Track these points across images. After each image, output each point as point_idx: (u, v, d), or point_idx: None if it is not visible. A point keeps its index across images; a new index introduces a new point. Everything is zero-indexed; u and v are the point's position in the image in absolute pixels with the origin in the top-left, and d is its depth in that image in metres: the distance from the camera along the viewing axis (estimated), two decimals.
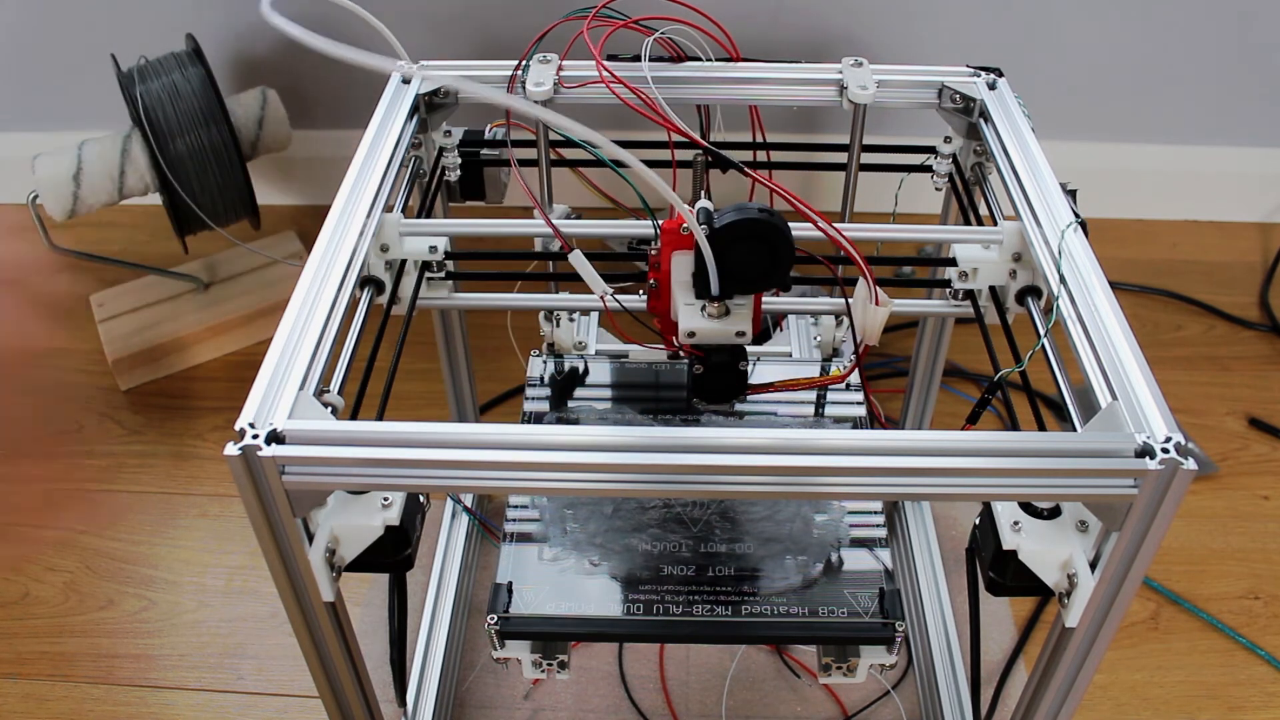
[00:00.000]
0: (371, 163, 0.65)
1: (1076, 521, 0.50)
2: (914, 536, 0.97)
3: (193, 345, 1.20)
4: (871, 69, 0.73)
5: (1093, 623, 0.51)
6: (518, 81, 0.73)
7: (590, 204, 0.86)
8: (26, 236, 1.34)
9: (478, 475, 0.48)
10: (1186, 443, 0.46)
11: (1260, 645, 0.91)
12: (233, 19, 1.30)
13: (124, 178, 1.09)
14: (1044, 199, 0.62)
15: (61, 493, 1.06)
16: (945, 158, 0.75)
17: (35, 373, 1.20)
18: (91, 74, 1.28)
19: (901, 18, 1.26)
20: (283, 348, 0.51)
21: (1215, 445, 1.10)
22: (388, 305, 0.66)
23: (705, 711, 0.86)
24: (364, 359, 0.59)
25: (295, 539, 0.49)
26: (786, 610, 0.64)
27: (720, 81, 0.74)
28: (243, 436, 0.46)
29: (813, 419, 0.78)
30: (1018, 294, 0.64)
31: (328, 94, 1.37)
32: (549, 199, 0.78)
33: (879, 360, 1.19)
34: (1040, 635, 0.92)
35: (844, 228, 0.60)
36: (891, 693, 0.87)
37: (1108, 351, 0.51)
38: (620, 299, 0.62)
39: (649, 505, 0.70)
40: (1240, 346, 1.23)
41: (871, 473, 0.47)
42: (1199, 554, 0.99)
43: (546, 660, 0.65)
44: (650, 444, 0.47)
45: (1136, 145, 1.37)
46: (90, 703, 0.88)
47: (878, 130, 0.76)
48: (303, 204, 1.46)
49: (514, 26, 1.27)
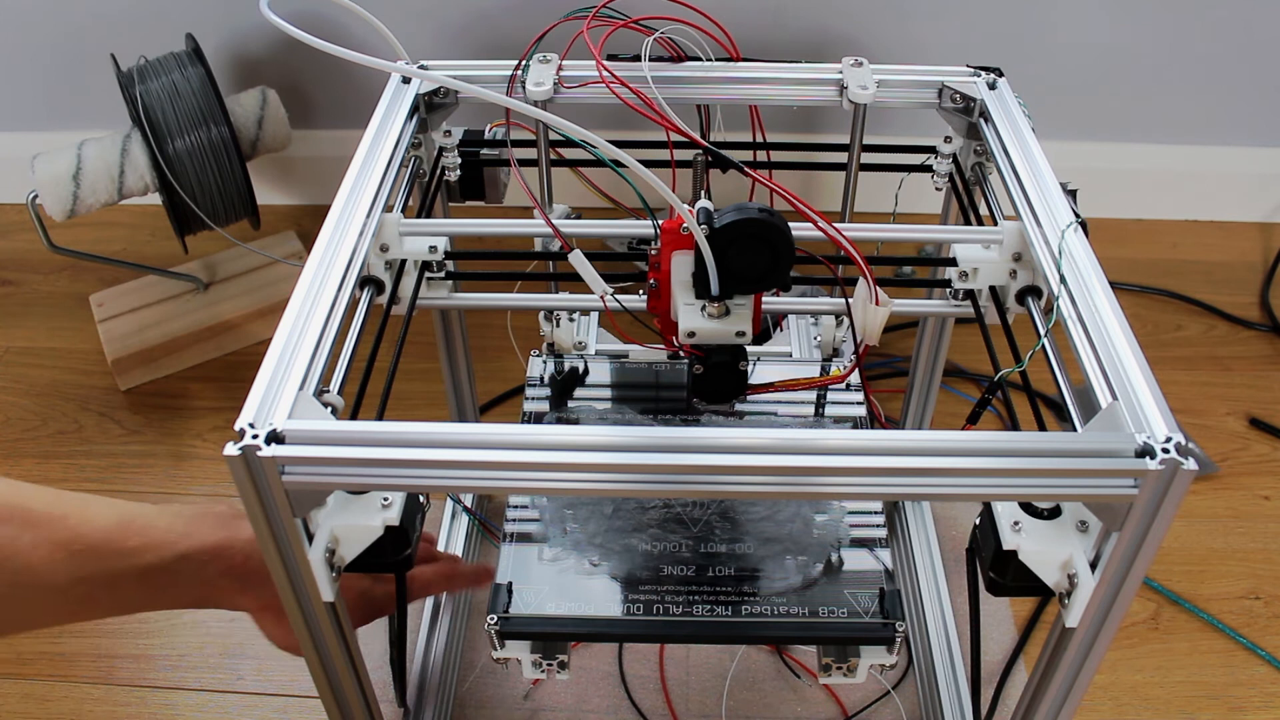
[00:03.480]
0: (371, 163, 0.65)
1: (1077, 521, 0.50)
2: (914, 536, 0.97)
3: (192, 345, 1.20)
4: (871, 69, 0.73)
5: (1093, 623, 0.51)
6: (517, 81, 0.73)
7: (590, 204, 0.86)
8: (26, 236, 1.35)
9: (478, 475, 0.47)
10: (1187, 443, 0.46)
11: (1261, 645, 0.91)
12: (233, 19, 1.30)
13: (124, 177, 1.09)
14: (1044, 199, 0.62)
15: None
16: (945, 158, 0.75)
17: (34, 372, 1.20)
18: (91, 74, 1.28)
19: (901, 18, 1.26)
20: (283, 348, 0.51)
21: (1215, 445, 1.10)
22: (388, 305, 0.66)
23: (705, 711, 0.86)
24: (364, 359, 0.59)
25: (295, 539, 0.49)
26: (786, 610, 0.64)
27: (720, 81, 0.74)
28: (242, 436, 0.46)
29: (813, 419, 0.78)
30: (1018, 294, 0.64)
31: (328, 94, 1.37)
32: (549, 199, 0.78)
33: (879, 360, 1.19)
34: (1040, 635, 0.92)
35: (844, 228, 0.60)
36: (891, 693, 0.87)
37: (1108, 351, 0.51)
38: (620, 299, 0.62)
39: (649, 505, 0.70)
40: (1240, 346, 1.23)
41: (871, 473, 0.46)
42: (1199, 554, 0.99)
43: (546, 660, 0.65)
44: (650, 444, 0.47)
45: (1136, 145, 1.37)
46: (90, 703, 0.88)
47: (878, 130, 0.76)
48: (303, 204, 1.46)
49: (514, 26, 1.27)
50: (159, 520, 0.62)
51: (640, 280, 0.60)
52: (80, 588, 0.59)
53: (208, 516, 0.64)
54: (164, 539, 0.61)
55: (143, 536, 0.60)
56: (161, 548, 0.61)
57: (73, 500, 0.60)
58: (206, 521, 0.64)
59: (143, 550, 0.60)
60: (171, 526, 0.62)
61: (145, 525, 0.61)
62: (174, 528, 0.62)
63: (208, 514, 0.64)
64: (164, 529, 0.61)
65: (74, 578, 0.58)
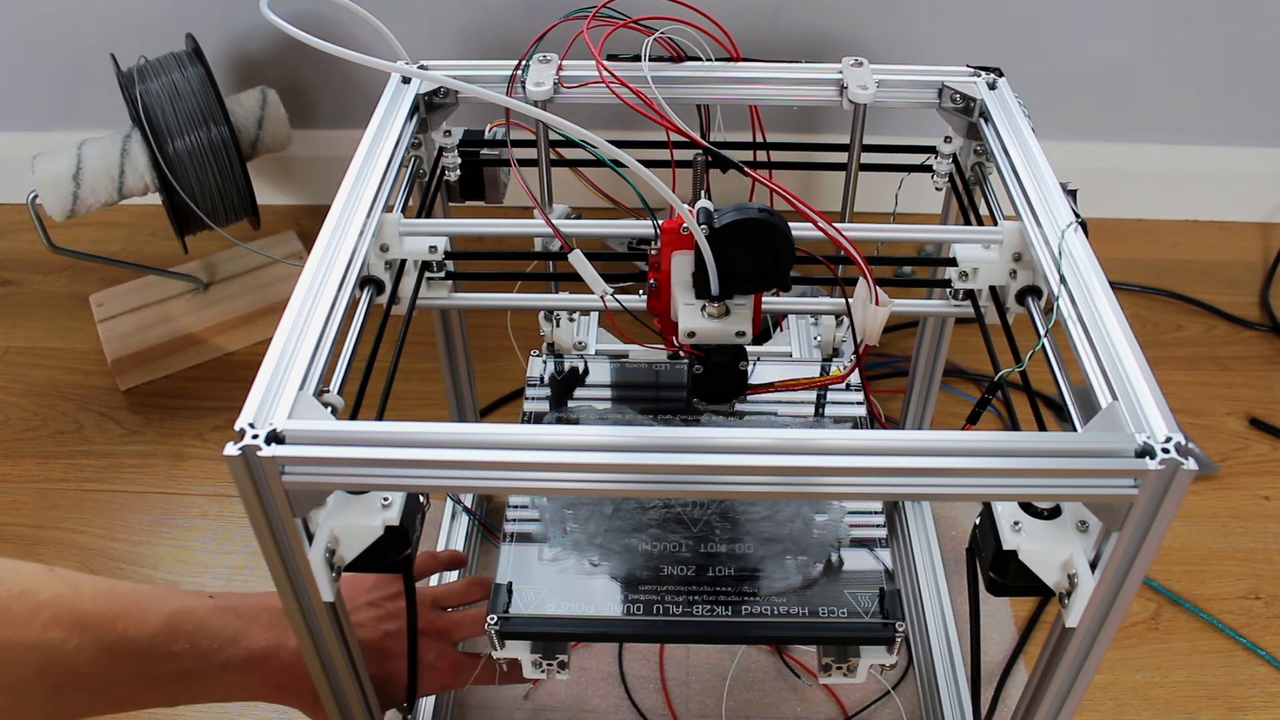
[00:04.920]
0: (371, 163, 0.65)
1: (1077, 521, 0.50)
2: (914, 536, 0.97)
3: (192, 345, 1.20)
4: (871, 69, 0.73)
5: (1093, 623, 0.51)
6: (517, 81, 0.73)
7: (590, 204, 0.86)
8: (26, 236, 1.35)
9: (478, 475, 0.47)
10: (1187, 443, 0.46)
11: (1261, 645, 0.91)
12: (233, 19, 1.30)
13: (124, 177, 1.09)
14: (1044, 199, 0.62)
15: (60, 493, 1.06)
16: (945, 158, 0.75)
17: (34, 372, 1.20)
18: (91, 74, 1.28)
19: (901, 18, 1.26)
20: (282, 348, 0.51)
21: (1215, 445, 1.10)
22: (388, 305, 0.66)
23: (705, 712, 0.86)
24: (364, 359, 0.59)
25: (295, 539, 0.49)
26: (786, 610, 0.64)
27: (720, 81, 0.74)
28: (242, 436, 0.46)
29: (813, 419, 0.78)
30: (1018, 294, 0.64)
31: (328, 94, 1.37)
32: (549, 199, 0.78)
33: (879, 360, 1.19)
34: (1040, 635, 0.92)
35: (844, 228, 0.60)
36: (891, 693, 0.87)
37: (1108, 351, 0.51)
38: (620, 299, 0.62)
39: (649, 505, 0.70)
40: (1240, 346, 1.23)
41: (871, 473, 0.46)
42: (1199, 554, 0.99)
43: (546, 660, 0.65)
44: (650, 444, 0.47)
45: (1136, 145, 1.37)
46: None
47: (878, 130, 0.76)
48: (303, 204, 1.46)
49: (514, 26, 1.27)
50: (211, 621, 0.62)
51: (640, 280, 0.60)
52: (122, 689, 0.59)
53: (264, 614, 0.64)
54: (209, 645, 0.61)
55: (190, 641, 0.60)
56: (205, 655, 0.61)
57: (126, 596, 0.60)
58: (260, 621, 0.64)
59: (187, 656, 0.60)
60: (223, 629, 0.62)
61: (195, 628, 0.61)
62: (225, 630, 0.62)
63: (265, 610, 0.64)
64: (214, 633, 0.62)
65: (117, 679, 0.58)
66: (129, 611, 0.59)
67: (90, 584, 0.59)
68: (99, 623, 0.57)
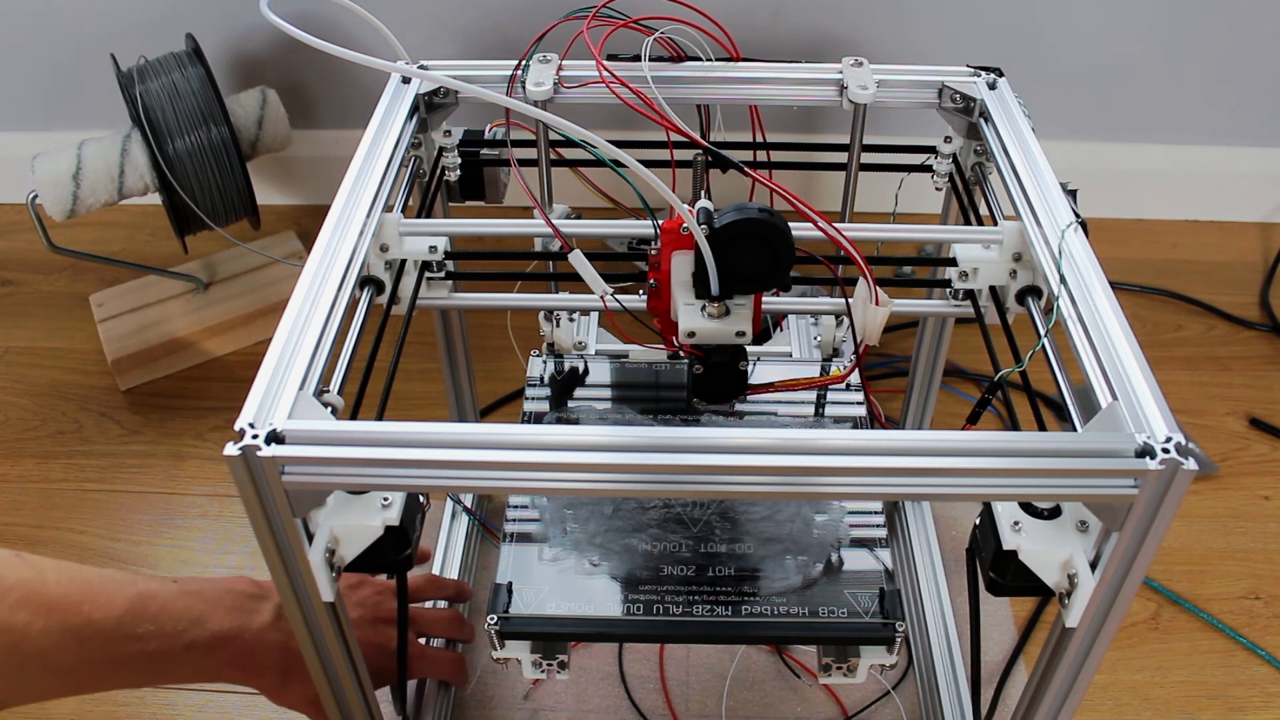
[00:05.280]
0: (371, 163, 0.65)
1: (1077, 521, 0.50)
2: (914, 536, 0.97)
3: (192, 345, 1.20)
4: (871, 69, 0.73)
5: (1093, 623, 0.51)
6: (517, 81, 0.73)
7: (590, 204, 0.86)
8: (26, 236, 1.35)
9: (478, 475, 0.48)
10: (1187, 443, 0.46)
11: (1261, 645, 0.91)
12: (233, 19, 1.30)
13: (124, 178, 1.09)
14: (1044, 199, 0.62)
15: (60, 493, 1.06)
16: (945, 158, 0.75)
17: (34, 372, 1.20)
18: (91, 74, 1.28)
19: (901, 18, 1.26)
20: (282, 348, 0.51)
21: (1215, 445, 1.10)
22: (388, 305, 0.66)
23: (705, 712, 0.86)
24: (364, 359, 0.59)
25: (295, 539, 0.49)
26: (786, 610, 0.64)
27: (720, 81, 0.74)
28: (242, 436, 0.46)
29: (813, 419, 0.78)
30: (1018, 294, 0.64)
31: (328, 94, 1.37)
32: (549, 199, 0.78)
33: (879, 360, 1.19)
34: (1040, 635, 0.92)
35: (844, 228, 0.60)
36: (891, 693, 0.87)
37: (1108, 351, 0.51)
38: (620, 299, 0.62)
39: (649, 505, 0.70)
40: (1240, 346, 1.23)
41: (871, 473, 0.46)
42: (1199, 554, 0.99)
43: (546, 660, 0.65)
44: (650, 444, 0.47)
45: (1136, 145, 1.37)
46: (90, 703, 0.88)
47: (878, 130, 0.76)
48: (303, 204, 1.46)
49: (514, 26, 1.27)
50: (175, 603, 0.62)
51: (640, 280, 0.60)
52: (87, 669, 0.59)
53: (227, 596, 0.65)
54: (174, 628, 0.62)
55: (154, 623, 0.61)
56: (170, 636, 0.62)
57: (91, 580, 0.60)
58: (224, 603, 0.64)
59: (152, 637, 0.61)
60: (187, 610, 0.63)
61: (159, 610, 0.61)
62: (189, 612, 0.63)
63: (228, 593, 0.65)
64: (177, 615, 0.62)
65: (82, 660, 0.59)
66: (94, 595, 0.59)
67: (55, 568, 0.59)
68: (64, 606, 0.58)
